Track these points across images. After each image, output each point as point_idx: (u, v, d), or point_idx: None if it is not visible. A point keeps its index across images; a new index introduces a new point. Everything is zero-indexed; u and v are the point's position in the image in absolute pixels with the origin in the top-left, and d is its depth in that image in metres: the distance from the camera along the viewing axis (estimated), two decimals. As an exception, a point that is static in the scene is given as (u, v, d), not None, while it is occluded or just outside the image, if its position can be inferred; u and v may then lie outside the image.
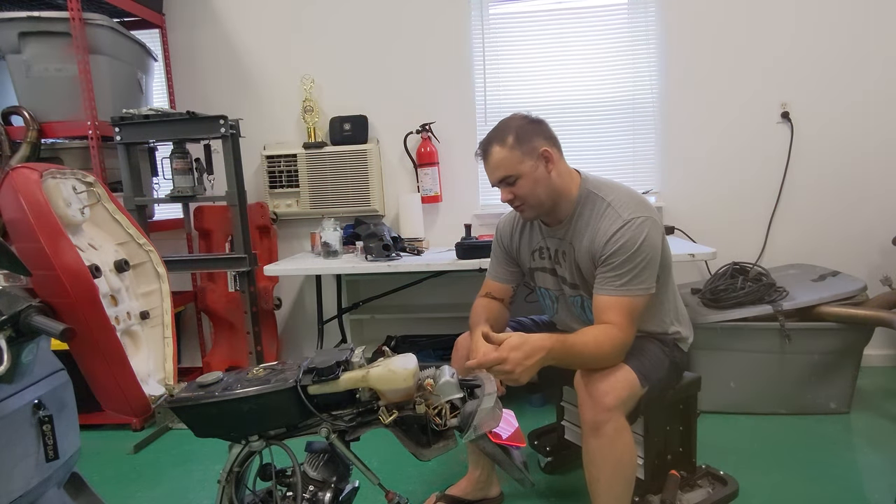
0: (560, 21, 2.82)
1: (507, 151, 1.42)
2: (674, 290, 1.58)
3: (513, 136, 1.42)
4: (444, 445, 1.05)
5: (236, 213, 2.36)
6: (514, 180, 1.43)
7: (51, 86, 2.39)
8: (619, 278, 1.37)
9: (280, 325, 3.12)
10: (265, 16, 2.95)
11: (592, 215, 1.45)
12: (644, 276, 1.37)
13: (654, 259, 1.40)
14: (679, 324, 1.58)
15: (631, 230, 1.37)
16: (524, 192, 1.44)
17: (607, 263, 1.38)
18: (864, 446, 2.02)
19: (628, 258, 1.36)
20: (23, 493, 0.95)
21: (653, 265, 1.39)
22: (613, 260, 1.37)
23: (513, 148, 1.42)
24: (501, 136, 1.43)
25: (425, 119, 2.87)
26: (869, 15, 2.62)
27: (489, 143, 1.46)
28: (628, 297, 1.36)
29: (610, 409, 1.31)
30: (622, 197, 1.44)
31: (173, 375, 1.17)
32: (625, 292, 1.37)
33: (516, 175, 1.43)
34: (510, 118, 1.48)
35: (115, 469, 2.15)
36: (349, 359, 1.07)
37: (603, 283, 1.39)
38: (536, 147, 1.43)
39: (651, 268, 1.39)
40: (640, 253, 1.36)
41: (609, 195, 1.45)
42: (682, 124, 2.79)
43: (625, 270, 1.36)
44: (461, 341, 1.67)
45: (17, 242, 0.94)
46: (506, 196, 1.47)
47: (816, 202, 2.75)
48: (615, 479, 1.35)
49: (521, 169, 1.42)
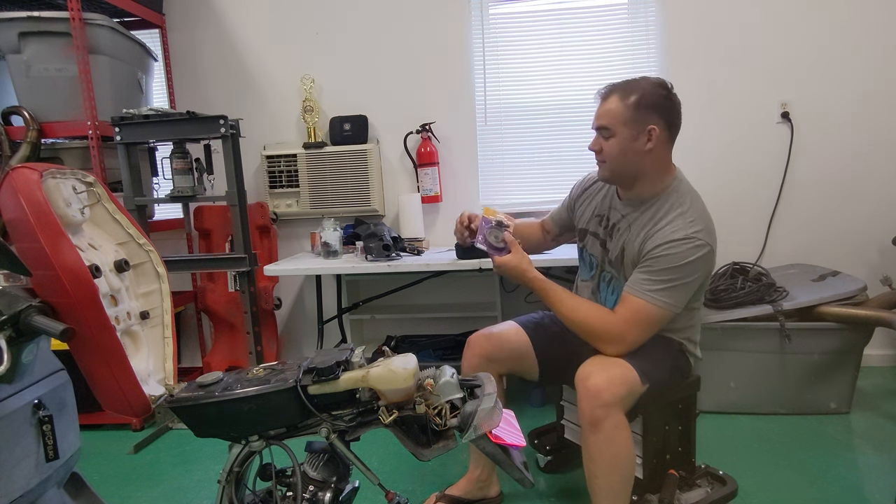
0: (560, 21, 2.82)
1: (621, 107, 1.41)
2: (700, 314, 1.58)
3: (636, 97, 1.40)
4: (444, 445, 1.04)
5: (236, 213, 2.36)
6: (609, 136, 1.43)
7: (51, 86, 2.39)
8: (651, 283, 1.37)
9: (280, 325, 3.12)
10: (265, 16, 2.95)
11: (661, 213, 1.44)
12: (677, 294, 1.37)
13: (693, 283, 1.38)
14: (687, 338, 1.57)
15: (689, 246, 1.35)
16: (611, 152, 1.43)
17: (650, 266, 1.38)
18: (864, 446, 2.02)
19: (671, 269, 1.35)
20: (23, 493, 0.95)
21: (688, 288, 1.38)
22: (657, 265, 1.37)
23: (628, 108, 1.40)
24: (627, 91, 1.42)
25: (425, 119, 2.87)
26: (869, 15, 2.62)
27: (613, 90, 1.44)
28: (651, 304, 1.36)
29: (608, 404, 1.31)
30: (698, 212, 1.42)
31: (173, 375, 1.17)
32: (650, 298, 1.36)
33: (613, 132, 1.42)
34: (647, 78, 1.44)
35: (115, 469, 2.15)
36: (349, 359, 1.06)
37: (635, 282, 1.40)
38: (649, 121, 1.41)
39: (686, 289, 1.38)
40: (685, 270, 1.35)
41: (687, 204, 1.43)
42: (682, 124, 2.78)
43: (662, 279, 1.36)
44: (473, 340, 1.67)
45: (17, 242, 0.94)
46: (595, 145, 1.48)
47: (816, 202, 2.75)
48: (613, 476, 1.35)
49: (621, 130, 1.41)
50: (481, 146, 2.93)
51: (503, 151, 2.93)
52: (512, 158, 2.92)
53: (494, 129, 2.92)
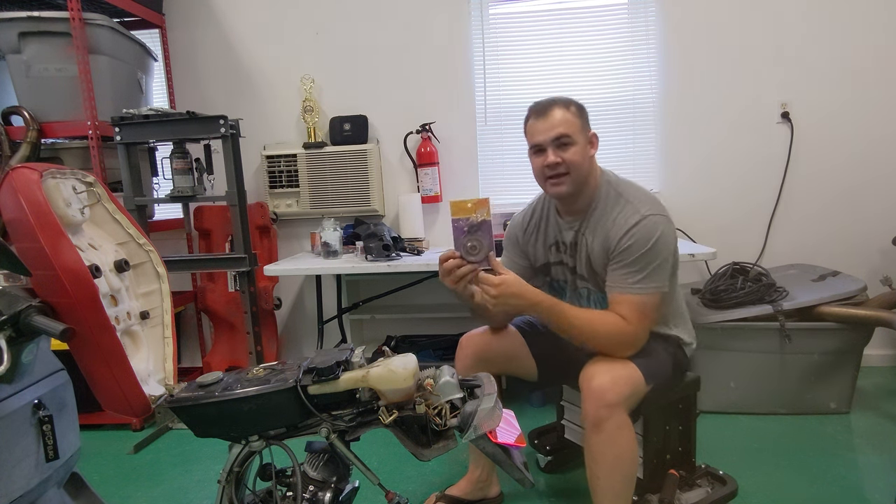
0: (560, 21, 2.82)
1: (570, 115, 1.42)
2: (679, 292, 1.58)
3: (575, 107, 1.44)
4: (444, 445, 1.04)
5: (236, 213, 2.36)
6: (569, 144, 1.42)
7: (51, 86, 2.39)
8: (632, 275, 1.37)
9: (280, 325, 3.12)
10: (265, 16, 2.95)
11: (608, 209, 1.45)
12: (657, 275, 1.38)
13: (668, 258, 1.40)
14: (679, 328, 1.57)
15: (647, 226, 1.37)
16: (574, 160, 1.42)
17: (621, 259, 1.39)
18: (864, 446, 2.02)
19: (643, 255, 1.36)
20: (23, 493, 0.95)
21: (666, 264, 1.40)
22: (627, 256, 1.38)
23: (575, 116, 1.43)
24: (564, 102, 1.44)
25: (425, 119, 2.87)
26: (869, 15, 2.62)
27: (551, 104, 1.44)
28: (641, 294, 1.37)
29: (611, 405, 1.31)
30: (639, 194, 1.45)
31: (173, 375, 1.17)
32: (639, 290, 1.37)
33: (573, 139, 1.41)
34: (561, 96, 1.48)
35: (115, 469, 2.15)
36: (349, 359, 1.07)
37: (616, 281, 1.40)
38: (588, 127, 1.47)
39: (664, 266, 1.39)
40: (654, 250, 1.36)
41: (626, 191, 1.46)
42: (682, 124, 2.79)
43: (638, 268, 1.37)
44: (465, 340, 1.66)
45: (17, 242, 0.94)
46: (554, 159, 1.41)
47: (816, 202, 2.75)
48: (615, 476, 1.35)
49: (579, 138, 1.43)
50: (481, 146, 2.93)
51: (503, 151, 2.93)
52: (512, 158, 2.92)
53: (494, 129, 2.92)
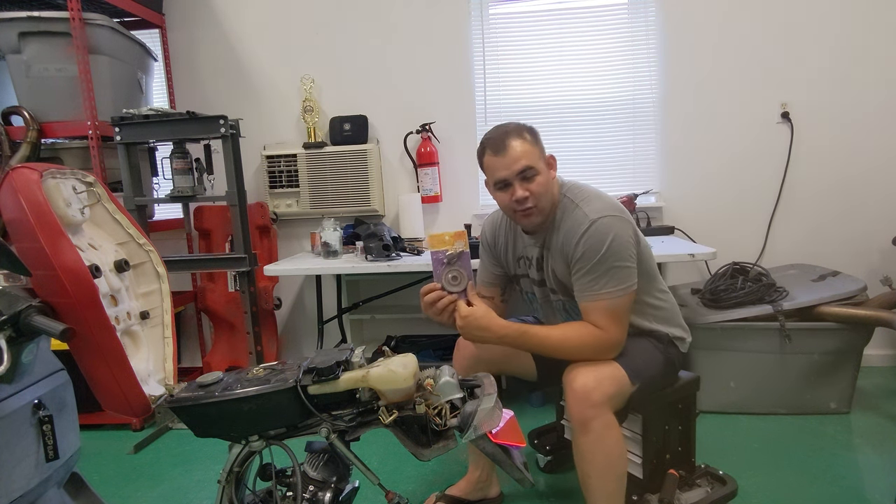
0: (560, 21, 2.82)
1: (528, 145, 1.39)
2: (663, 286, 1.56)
3: (528, 134, 1.41)
4: (444, 445, 1.05)
5: (236, 213, 2.36)
6: (534, 175, 1.39)
7: (51, 86, 2.39)
8: (595, 282, 1.35)
9: (280, 325, 3.12)
10: (265, 15, 2.95)
11: (564, 218, 1.43)
12: (621, 275, 1.35)
13: (628, 256, 1.36)
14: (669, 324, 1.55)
15: (599, 230, 1.35)
16: (540, 191, 1.39)
17: (580, 267, 1.37)
18: (864, 446, 2.02)
19: (600, 259, 1.34)
20: (23, 493, 0.95)
21: (629, 262, 1.37)
22: (585, 263, 1.36)
23: (533, 144, 1.40)
24: (517, 131, 1.40)
25: (425, 119, 2.87)
26: (869, 15, 2.62)
27: (506, 136, 1.39)
28: (609, 299, 1.35)
29: (596, 405, 1.30)
30: (590, 199, 1.42)
31: (173, 375, 1.17)
32: (606, 295, 1.35)
33: (536, 169, 1.39)
34: (510, 123, 1.45)
35: (115, 469, 2.15)
36: (349, 359, 1.07)
37: (582, 289, 1.38)
38: (544, 150, 1.43)
39: (627, 266, 1.36)
40: (610, 252, 1.34)
41: (578, 197, 1.43)
42: (682, 124, 2.79)
43: (599, 273, 1.35)
44: (462, 340, 1.66)
45: (17, 242, 0.94)
46: (521, 193, 1.38)
47: (816, 202, 2.75)
48: (606, 476, 1.35)
49: (541, 166, 1.40)
50: (481, 146, 2.93)
51: (503, 151, 2.92)
52: (512, 158, 2.92)
53: (494, 129, 2.92)
